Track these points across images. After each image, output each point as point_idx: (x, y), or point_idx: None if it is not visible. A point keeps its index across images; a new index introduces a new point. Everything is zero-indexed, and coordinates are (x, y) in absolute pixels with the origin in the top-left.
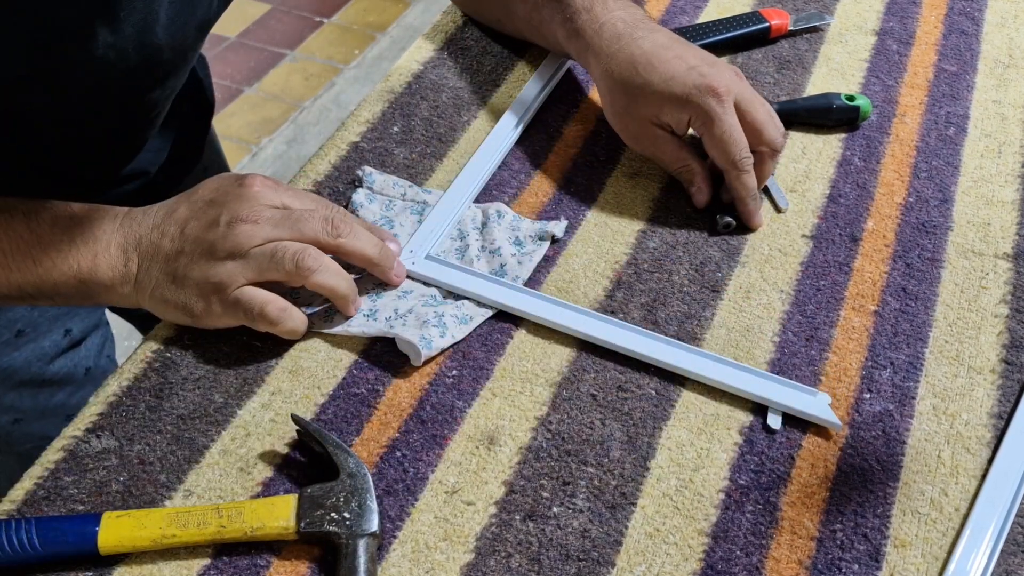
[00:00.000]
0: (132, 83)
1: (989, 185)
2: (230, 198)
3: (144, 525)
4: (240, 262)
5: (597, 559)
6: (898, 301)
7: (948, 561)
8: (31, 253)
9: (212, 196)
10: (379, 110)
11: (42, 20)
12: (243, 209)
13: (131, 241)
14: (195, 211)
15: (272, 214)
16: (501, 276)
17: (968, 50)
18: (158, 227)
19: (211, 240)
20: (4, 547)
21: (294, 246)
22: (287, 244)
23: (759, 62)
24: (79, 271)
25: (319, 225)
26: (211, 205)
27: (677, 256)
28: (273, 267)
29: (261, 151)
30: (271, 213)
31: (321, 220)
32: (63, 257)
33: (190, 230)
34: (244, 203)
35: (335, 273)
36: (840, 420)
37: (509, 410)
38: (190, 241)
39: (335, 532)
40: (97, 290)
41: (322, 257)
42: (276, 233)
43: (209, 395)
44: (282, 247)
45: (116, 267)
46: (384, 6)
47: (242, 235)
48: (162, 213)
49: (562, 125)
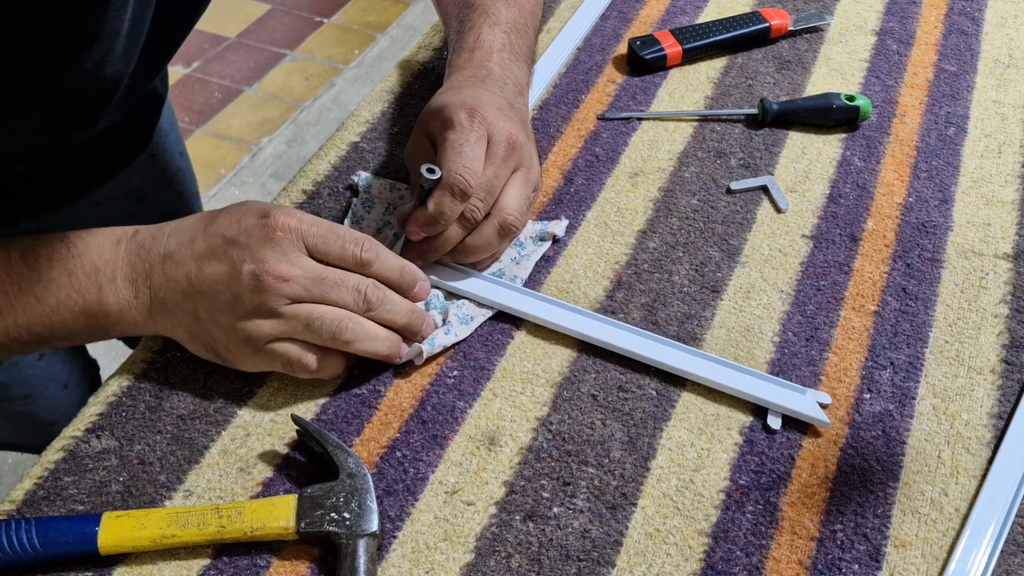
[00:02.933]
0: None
1: (989, 185)
2: (253, 240)
3: (144, 525)
4: (271, 321)
5: (597, 559)
6: (898, 301)
7: (948, 561)
8: (34, 291)
9: (233, 233)
10: (379, 110)
11: None
12: (269, 259)
13: (139, 272)
14: (213, 248)
15: (301, 272)
16: (500, 277)
17: (968, 50)
18: (171, 257)
19: (235, 292)
20: (4, 547)
21: (330, 315)
22: (323, 312)
23: (759, 62)
24: (85, 306)
25: (350, 296)
26: (232, 245)
27: (677, 256)
28: (309, 334)
29: (261, 151)
30: (299, 271)
31: (353, 291)
32: (66, 293)
33: (209, 271)
34: (269, 250)
35: (374, 338)
36: (840, 420)
37: (510, 410)
38: (209, 283)
39: (335, 532)
40: (108, 323)
41: (359, 326)
42: (307, 296)
43: (209, 395)
44: (318, 315)
45: (125, 299)
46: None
47: (271, 294)
48: (175, 241)
49: (562, 125)
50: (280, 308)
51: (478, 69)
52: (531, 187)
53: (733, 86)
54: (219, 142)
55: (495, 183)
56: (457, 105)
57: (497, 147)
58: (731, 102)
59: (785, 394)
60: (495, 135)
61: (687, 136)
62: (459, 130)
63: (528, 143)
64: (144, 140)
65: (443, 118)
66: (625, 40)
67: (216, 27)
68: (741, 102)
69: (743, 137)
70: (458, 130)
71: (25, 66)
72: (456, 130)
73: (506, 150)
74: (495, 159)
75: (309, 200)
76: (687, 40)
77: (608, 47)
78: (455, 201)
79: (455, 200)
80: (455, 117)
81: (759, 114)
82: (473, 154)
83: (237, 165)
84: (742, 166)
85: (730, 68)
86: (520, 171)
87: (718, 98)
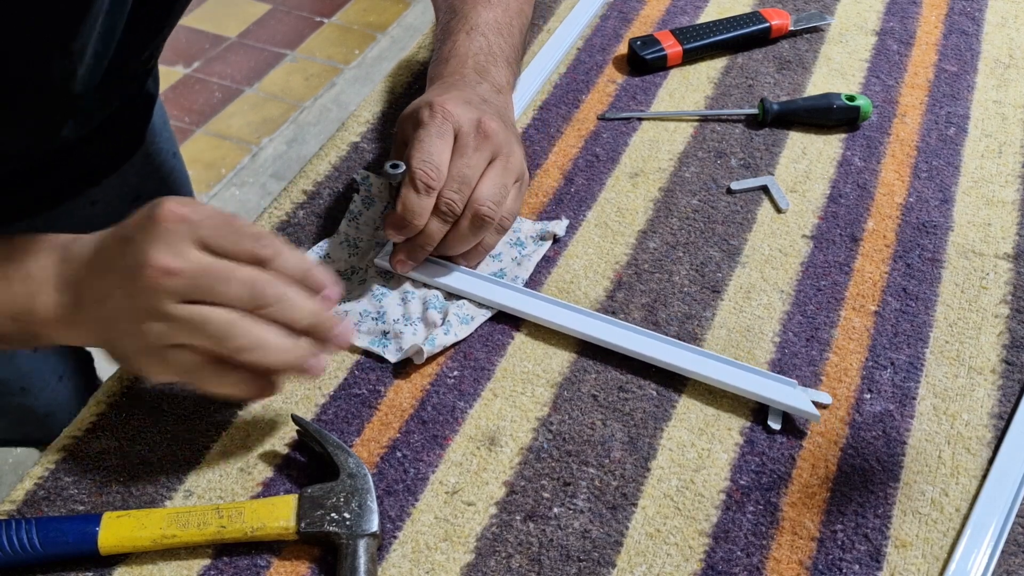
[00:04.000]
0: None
1: (989, 185)
2: (140, 234)
3: (144, 525)
4: (161, 325)
5: (598, 560)
6: (898, 301)
7: (948, 561)
8: None
9: (128, 232)
10: (379, 110)
11: None
12: (152, 252)
13: (69, 281)
14: (114, 251)
15: (185, 264)
16: (500, 279)
17: (968, 50)
18: (91, 265)
19: (127, 292)
20: (4, 547)
21: (218, 315)
22: (209, 313)
23: (759, 62)
24: (16, 311)
25: (240, 290)
26: (126, 244)
27: (677, 256)
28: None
29: (261, 151)
30: (183, 263)
31: (242, 285)
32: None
33: (110, 276)
34: (154, 244)
35: (274, 347)
36: (841, 420)
37: (510, 411)
38: (109, 288)
39: (335, 532)
40: (37, 330)
41: (252, 330)
42: (194, 291)
43: (209, 395)
44: (203, 316)
45: (52, 308)
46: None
47: (155, 291)
48: (93, 245)
49: (562, 125)
50: (167, 308)
51: (450, 76)
52: (511, 176)
53: (733, 86)
54: (219, 142)
55: (468, 173)
56: (422, 104)
57: (466, 137)
58: (731, 102)
59: (776, 388)
60: (463, 126)
61: (687, 136)
62: (422, 126)
63: (504, 132)
64: (137, 139)
65: (413, 120)
66: (625, 40)
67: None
68: (741, 102)
69: (743, 137)
70: (421, 126)
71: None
72: (421, 127)
73: (476, 139)
74: (465, 149)
75: (309, 200)
76: (687, 40)
77: (608, 47)
78: (421, 196)
79: (421, 195)
80: (420, 115)
81: (759, 114)
82: (433, 147)
83: (237, 165)
84: (742, 166)
85: (730, 68)
86: (497, 161)
87: (718, 98)
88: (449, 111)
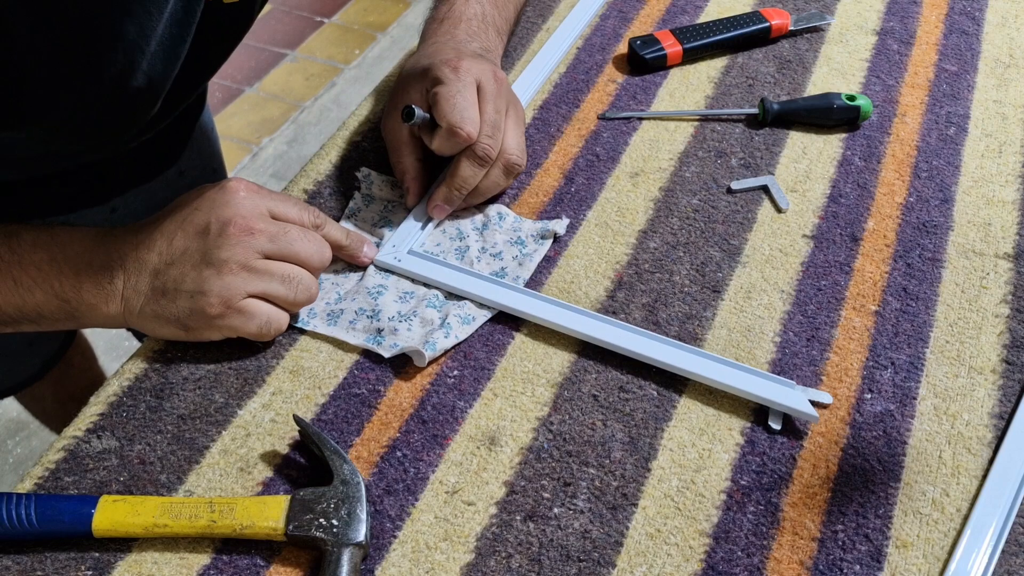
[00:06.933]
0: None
1: (990, 185)
2: (216, 204)
3: (138, 512)
4: (243, 276)
5: (598, 560)
6: (899, 301)
7: (949, 561)
8: (11, 273)
9: (196, 204)
10: (380, 109)
11: None
12: (232, 215)
13: (115, 258)
14: (181, 221)
15: (265, 226)
16: (501, 278)
17: (969, 50)
18: (143, 242)
19: (203, 248)
20: (3, 520)
21: (293, 272)
22: (300, 274)
23: (759, 62)
24: (61, 291)
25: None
26: (196, 212)
27: (678, 256)
28: (284, 290)
29: (262, 151)
30: (264, 224)
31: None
32: (44, 277)
33: (179, 241)
34: (231, 208)
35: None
36: (841, 420)
37: (510, 410)
38: (179, 252)
39: (321, 538)
40: (82, 310)
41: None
42: (273, 248)
43: (210, 395)
44: (295, 275)
45: (101, 285)
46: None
47: (239, 245)
48: (146, 228)
49: (562, 125)
50: (252, 262)
51: (443, 36)
52: (522, 125)
53: (734, 86)
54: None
55: (497, 119)
56: (439, 63)
57: (488, 86)
58: (732, 102)
59: (774, 389)
60: (482, 77)
61: (688, 136)
62: (444, 83)
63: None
64: (173, 156)
65: (430, 78)
66: (625, 40)
67: None
68: (742, 102)
69: (744, 137)
70: (443, 83)
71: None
72: (445, 84)
73: (496, 87)
74: (491, 97)
75: (310, 199)
76: (687, 40)
77: (608, 47)
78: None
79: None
80: (439, 73)
81: (760, 114)
82: (467, 102)
83: (238, 165)
84: (743, 166)
85: (731, 68)
86: (511, 111)
87: (719, 98)
88: (467, 67)
